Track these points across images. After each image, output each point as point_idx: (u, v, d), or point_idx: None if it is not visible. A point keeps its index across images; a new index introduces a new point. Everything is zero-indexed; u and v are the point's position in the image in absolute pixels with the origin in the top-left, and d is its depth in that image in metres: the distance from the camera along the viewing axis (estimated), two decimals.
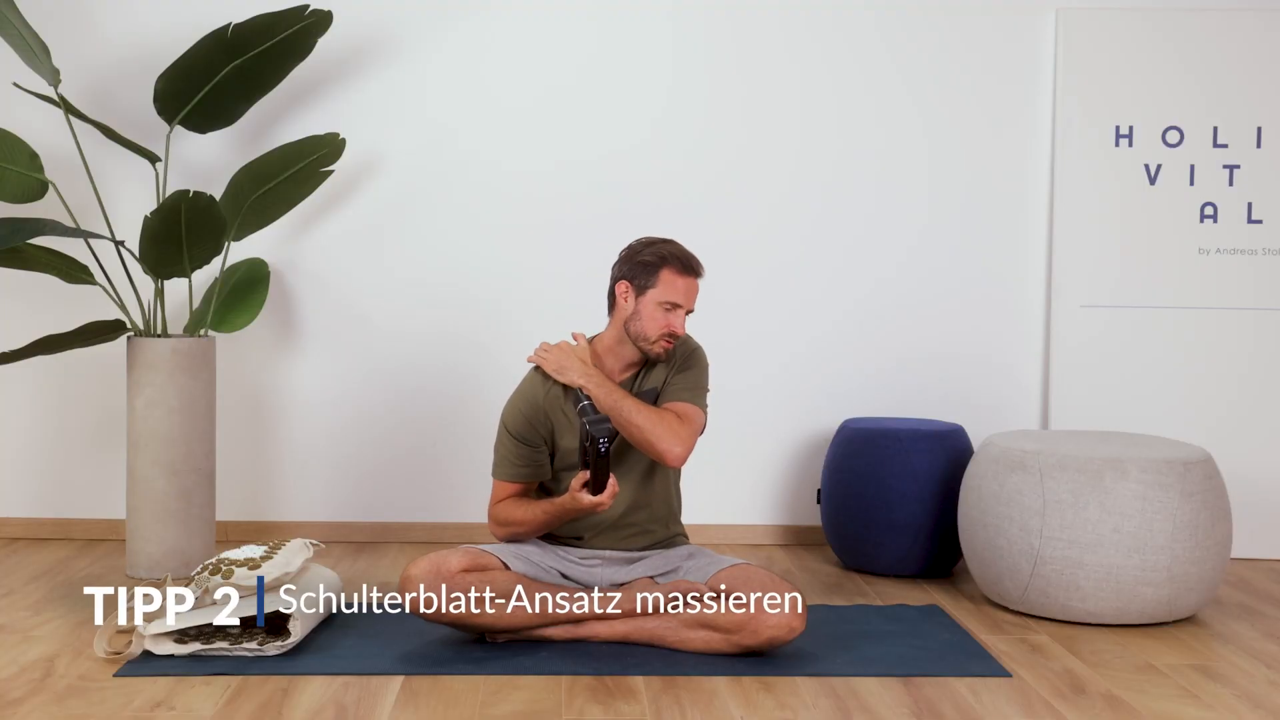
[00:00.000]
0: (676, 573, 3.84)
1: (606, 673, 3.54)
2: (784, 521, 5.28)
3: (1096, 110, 5.14)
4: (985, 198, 5.22)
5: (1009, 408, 5.24)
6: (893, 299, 5.22)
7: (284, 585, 3.73)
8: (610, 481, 3.62)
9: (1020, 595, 4.19)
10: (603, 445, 3.57)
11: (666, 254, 3.76)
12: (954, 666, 3.65)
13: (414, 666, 3.58)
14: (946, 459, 4.69)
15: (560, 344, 3.85)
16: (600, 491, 3.62)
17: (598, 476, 3.61)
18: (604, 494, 3.62)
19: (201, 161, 5.05)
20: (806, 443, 5.25)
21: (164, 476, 4.55)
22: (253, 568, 3.68)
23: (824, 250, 5.21)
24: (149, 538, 4.57)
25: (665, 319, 3.75)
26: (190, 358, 4.58)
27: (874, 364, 5.23)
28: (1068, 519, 4.06)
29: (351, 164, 5.05)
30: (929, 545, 4.69)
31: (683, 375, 3.83)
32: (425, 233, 5.15)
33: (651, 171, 5.15)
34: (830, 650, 3.76)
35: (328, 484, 5.19)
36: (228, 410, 5.09)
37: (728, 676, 3.53)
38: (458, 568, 3.65)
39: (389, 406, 5.17)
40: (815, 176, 5.20)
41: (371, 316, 5.16)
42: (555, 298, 5.09)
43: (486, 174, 5.14)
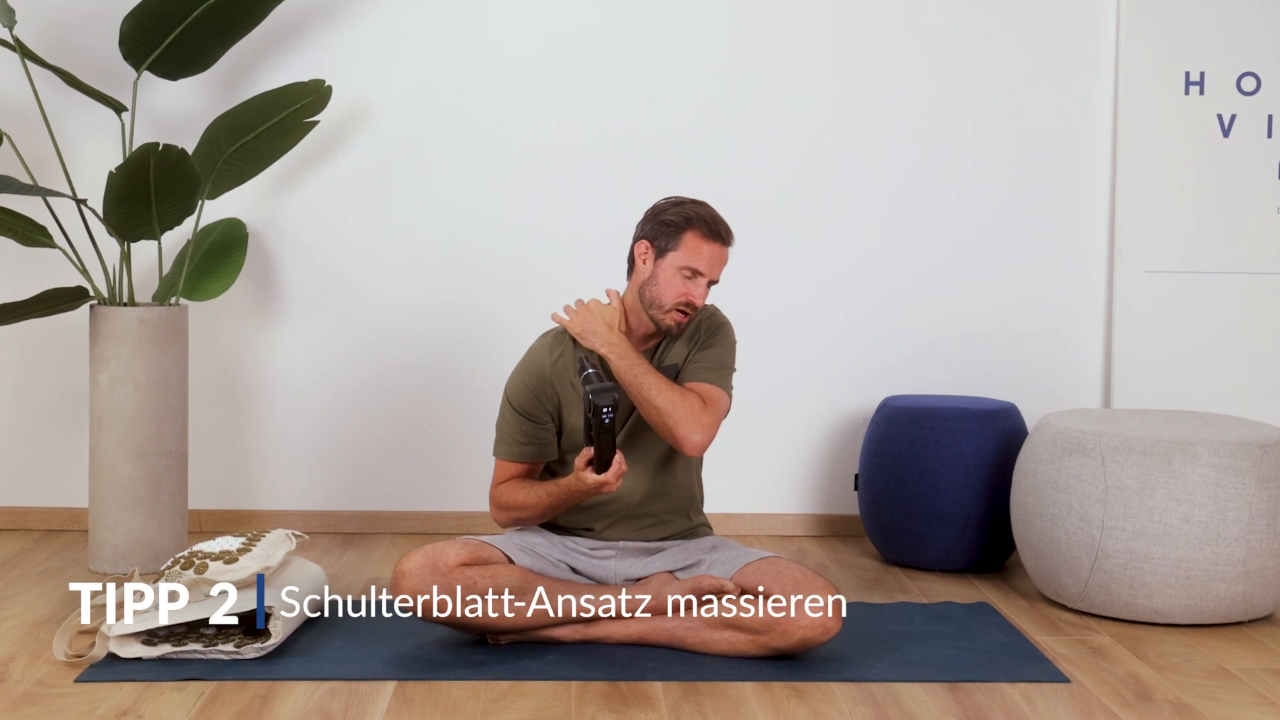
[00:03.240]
0: (698, 567, 3.83)
1: (621, 678, 3.55)
2: (817, 510, 5.29)
3: (1164, 54, 5.14)
4: (1040, 152, 5.22)
5: (1067, 384, 5.24)
6: (937, 265, 5.22)
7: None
8: (616, 459, 3.60)
9: (1079, 592, 4.19)
10: (606, 415, 3.52)
11: (693, 215, 3.76)
12: (1006, 671, 3.66)
13: (407, 671, 3.58)
14: (998, 441, 4.70)
15: (591, 302, 3.85)
16: (605, 469, 3.60)
17: (602, 452, 3.58)
18: (609, 472, 3.60)
19: (172, 111, 5.05)
20: (842, 424, 5.25)
21: (130, 460, 4.56)
22: (229, 561, 3.69)
23: (860, 211, 5.21)
24: (114, 528, 4.57)
25: (684, 287, 3.74)
26: (159, 329, 4.58)
27: (916, 336, 5.23)
28: (1132, 507, 4.06)
29: (338, 114, 5.04)
30: (978, 537, 4.70)
31: (707, 352, 3.83)
32: (421, 191, 5.15)
33: (670, 124, 5.15)
34: (869, 653, 3.76)
35: (312, 469, 5.20)
36: (201, 387, 5.09)
37: (755, 682, 3.53)
38: (456, 561, 3.65)
39: (380, 383, 5.18)
40: (850, 130, 5.19)
41: (361, 283, 5.16)
42: (565, 262, 5.11)
43: (489, 126, 5.14)
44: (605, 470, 3.60)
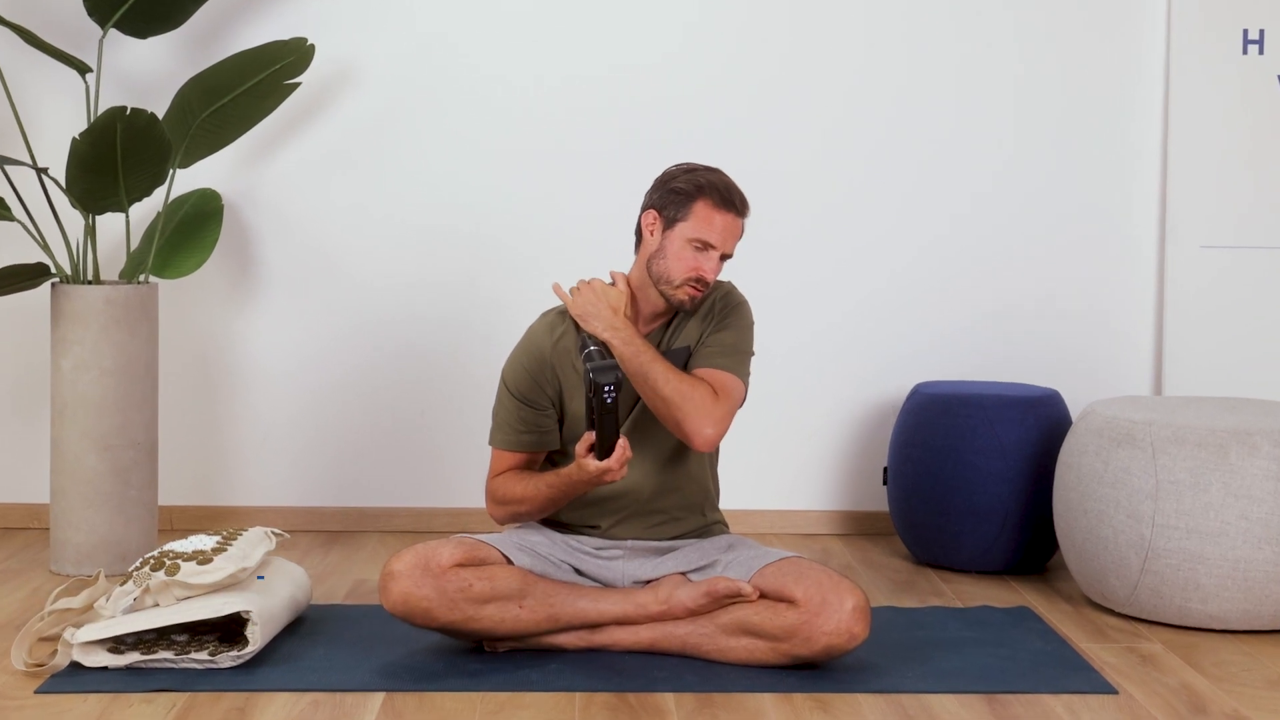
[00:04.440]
0: (713, 568, 3.82)
1: (629, 689, 3.55)
2: (842, 507, 5.30)
3: (1220, 11, 5.15)
4: (1085, 117, 5.22)
5: (1114, 369, 5.26)
6: (973, 238, 5.23)
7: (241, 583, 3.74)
8: (620, 444, 3.58)
9: (1128, 595, 4.19)
10: (608, 394, 3.52)
11: (704, 183, 3.75)
12: (1048, 681, 3.66)
13: (397, 681, 3.59)
14: (1039, 431, 4.70)
15: (592, 283, 3.84)
16: (608, 455, 3.58)
17: (604, 436, 3.56)
18: (611, 458, 3.59)
19: (141, 72, 5.06)
20: (869, 413, 5.26)
21: (95, 452, 4.56)
22: (203, 562, 3.68)
23: (889, 180, 5.21)
24: (77, 526, 4.58)
25: (694, 260, 3.73)
26: (127, 309, 4.58)
27: (950, 317, 5.24)
28: (1186, 503, 4.06)
29: (322, 76, 5.05)
30: (1018, 535, 4.70)
31: (721, 335, 3.82)
32: (412, 159, 5.16)
33: (683, 85, 5.16)
34: (899, 661, 3.77)
35: (293, 461, 5.22)
36: (173, 373, 5.11)
37: (775, 693, 3.53)
38: (450, 562, 3.64)
39: (368, 367, 5.19)
40: (879, 91, 5.20)
41: (347, 259, 5.18)
42: (569, 236, 5.13)
43: (485, 89, 5.15)
44: (607, 456, 3.58)
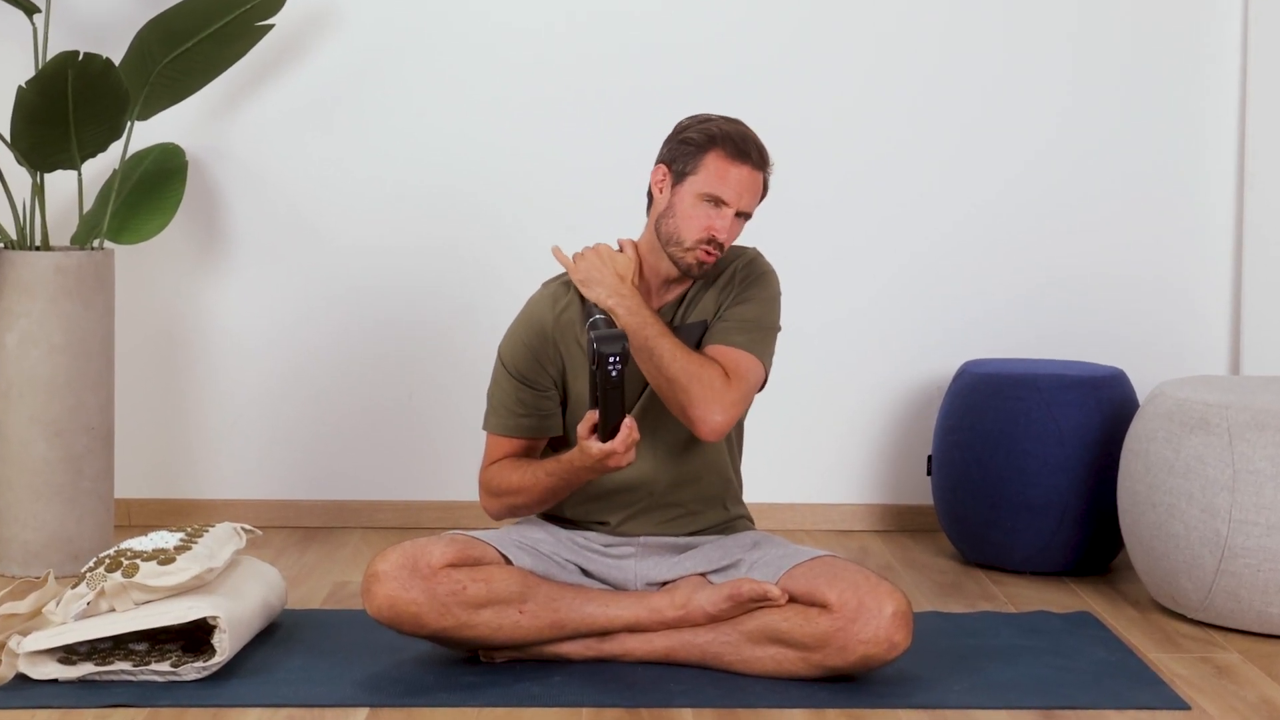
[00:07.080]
0: (737, 568, 3.82)
1: (643, 703, 3.54)
2: (882, 500, 5.33)
3: None
4: (1151, 66, 5.23)
5: (1186, 346, 5.28)
6: (1026, 201, 5.24)
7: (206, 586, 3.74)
8: (626, 424, 3.57)
9: (1202, 599, 4.20)
10: (613, 366, 3.50)
11: (716, 133, 3.74)
12: (1112, 695, 3.65)
13: (382, 695, 3.59)
14: (1102, 415, 4.71)
15: (598, 248, 3.83)
16: (612, 437, 3.58)
17: (608, 415, 3.55)
18: (616, 440, 3.58)
19: (95, 13, 5.08)
20: (911, 395, 5.28)
21: (44, 439, 4.58)
22: (164, 562, 3.68)
23: (932, 137, 5.23)
24: (24, 521, 4.61)
25: (706, 218, 3.72)
26: (80, 278, 4.60)
27: (1002, 289, 5.26)
28: (1266, 496, 4.06)
29: (296, 17, 5.06)
30: (1078, 532, 4.71)
31: (741, 308, 3.81)
32: (398, 111, 5.18)
33: (703, 28, 5.17)
34: (945, 673, 3.77)
35: (265, 450, 5.25)
36: (131, 350, 5.13)
37: (806, 709, 3.52)
38: (441, 561, 3.64)
39: (349, 345, 5.22)
40: (921, 36, 5.20)
41: (325, 222, 5.20)
42: (575, 198, 5.14)
43: (479, 32, 5.16)
44: (612, 438, 3.58)
